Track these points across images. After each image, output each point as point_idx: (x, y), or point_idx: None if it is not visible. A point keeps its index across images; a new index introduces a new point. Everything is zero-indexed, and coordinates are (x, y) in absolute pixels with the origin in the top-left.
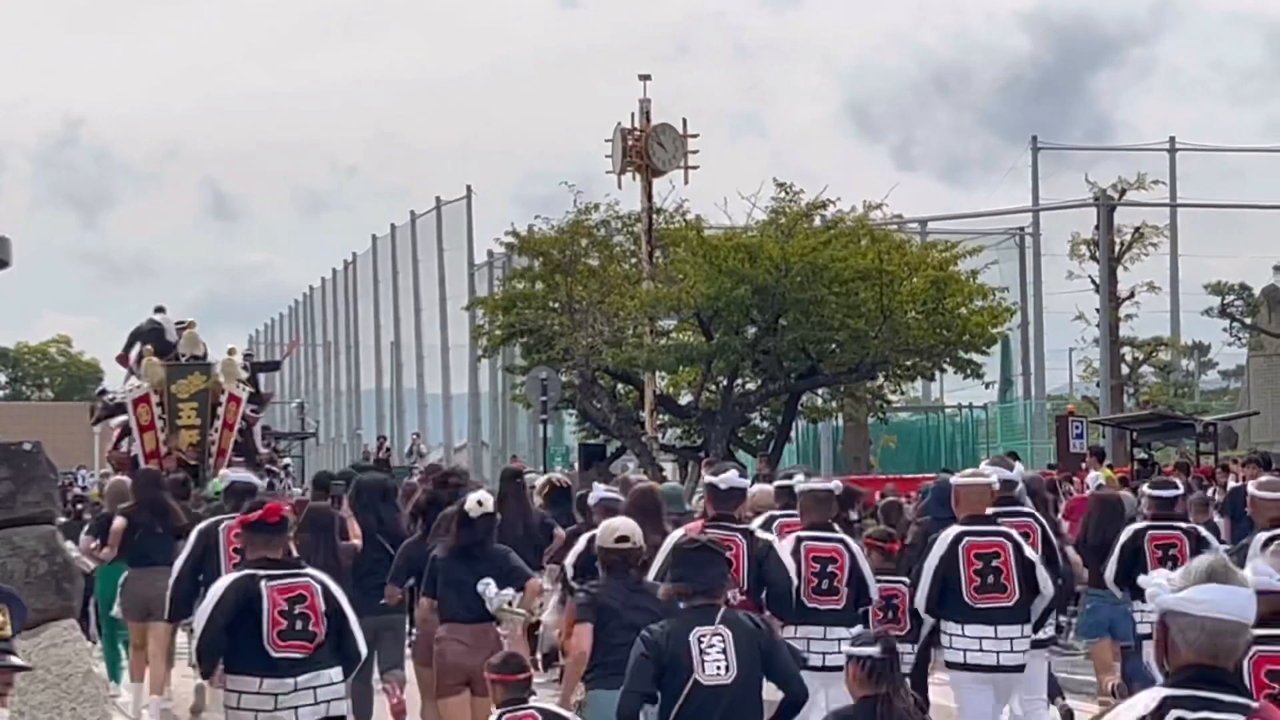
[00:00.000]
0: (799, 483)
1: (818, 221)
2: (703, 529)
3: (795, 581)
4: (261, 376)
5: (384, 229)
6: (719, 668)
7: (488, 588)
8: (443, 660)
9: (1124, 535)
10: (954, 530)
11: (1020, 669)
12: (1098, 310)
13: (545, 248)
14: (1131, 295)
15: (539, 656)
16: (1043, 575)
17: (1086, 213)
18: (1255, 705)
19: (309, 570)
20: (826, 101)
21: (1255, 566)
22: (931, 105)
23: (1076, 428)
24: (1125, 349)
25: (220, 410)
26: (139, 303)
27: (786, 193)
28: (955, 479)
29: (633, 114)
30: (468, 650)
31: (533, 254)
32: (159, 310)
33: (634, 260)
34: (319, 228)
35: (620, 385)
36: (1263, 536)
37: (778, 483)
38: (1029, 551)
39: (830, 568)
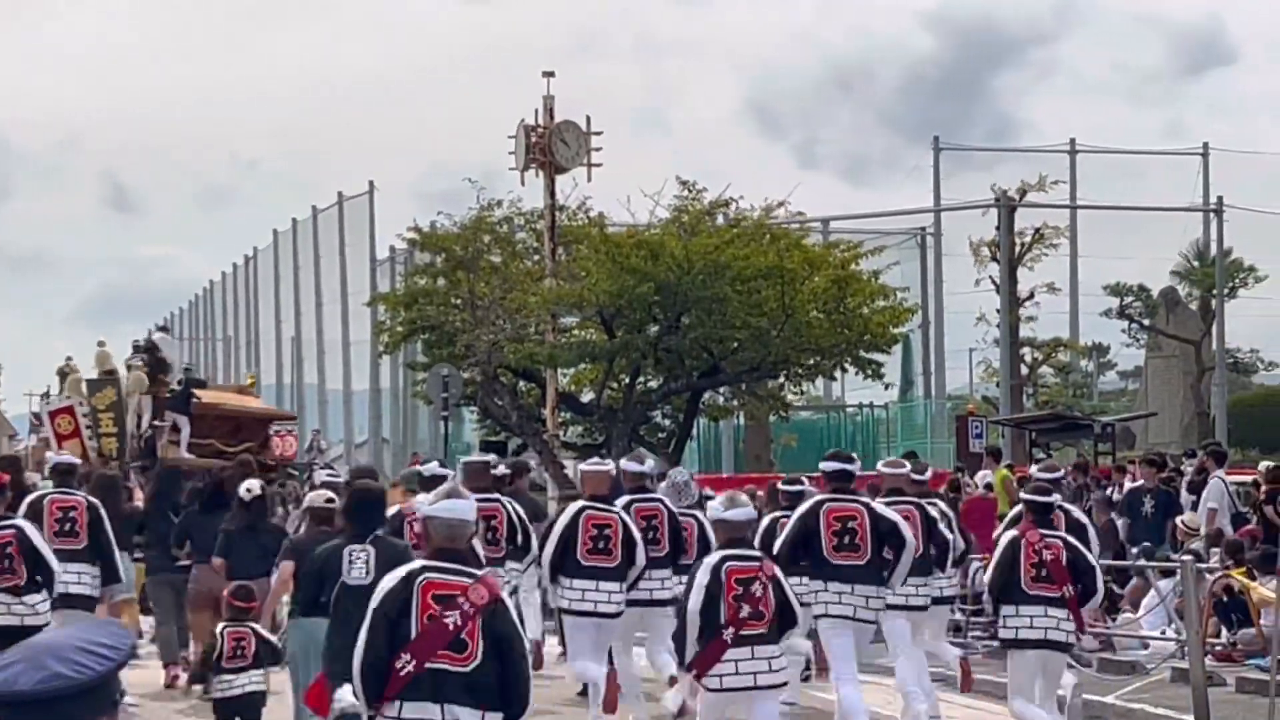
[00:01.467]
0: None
1: (720, 220)
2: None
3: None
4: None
5: (285, 223)
6: (361, 572)
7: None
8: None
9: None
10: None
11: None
12: (998, 311)
13: (447, 244)
14: (1031, 296)
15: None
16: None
17: (988, 213)
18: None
19: (14, 520)
20: (730, 99)
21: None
22: (834, 104)
23: (976, 428)
24: (1025, 349)
25: (128, 418)
26: (38, 296)
27: (689, 191)
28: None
29: (536, 110)
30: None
31: (435, 250)
32: (162, 329)
33: (536, 257)
34: (220, 221)
35: (522, 382)
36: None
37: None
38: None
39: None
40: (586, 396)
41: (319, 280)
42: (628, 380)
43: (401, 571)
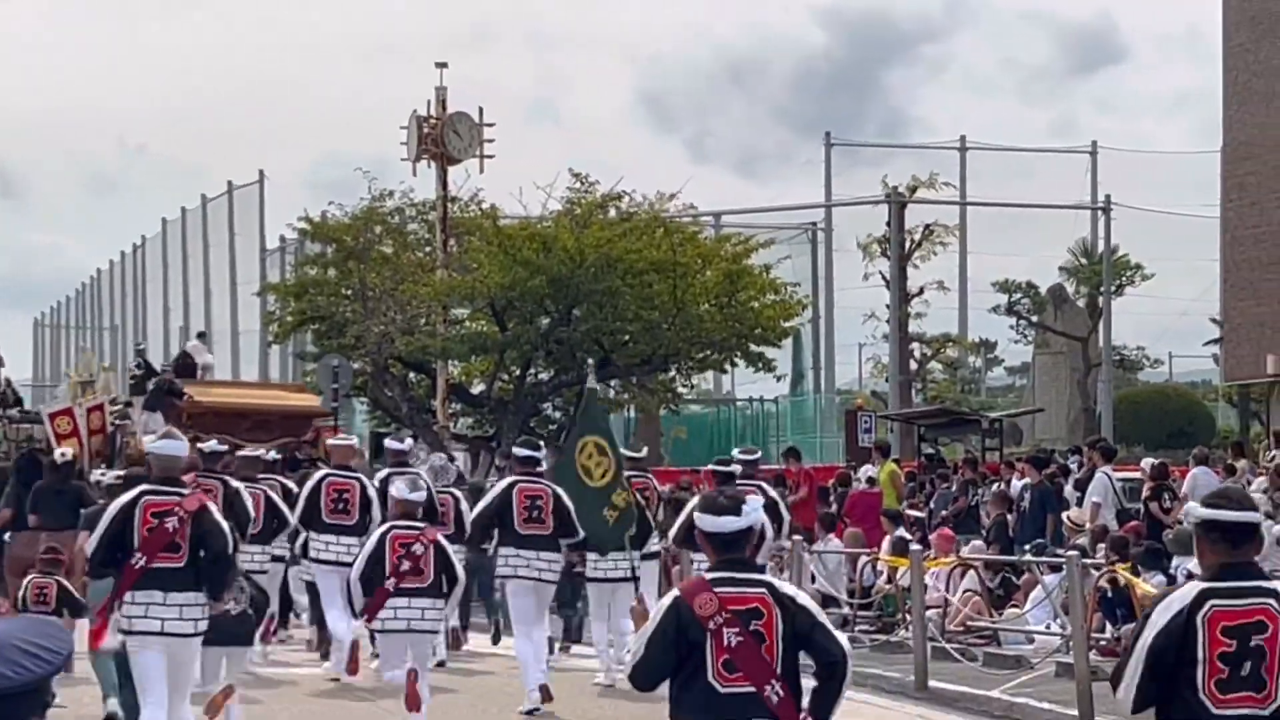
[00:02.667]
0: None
1: (613, 213)
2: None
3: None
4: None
5: (174, 212)
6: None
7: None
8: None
9: None
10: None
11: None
12: (888, 306)
13: (338, 234)
14: (921, 292)
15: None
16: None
17: (879, 209)
18: None
19: None
20: (622, 92)
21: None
22: (727, 97)
23: (865, 422)
24: (914, 345)
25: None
26: None
27: (582, 183)
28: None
29: (429, 101)
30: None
31: (326, 240)
32: (200, 336)
33: (428, 248)
34: (108, 209)
35: (412, 374)
36: None
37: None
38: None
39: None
40: (477, 388)
41: (208, 269)
42: (518, 372)
43: (131, 494)
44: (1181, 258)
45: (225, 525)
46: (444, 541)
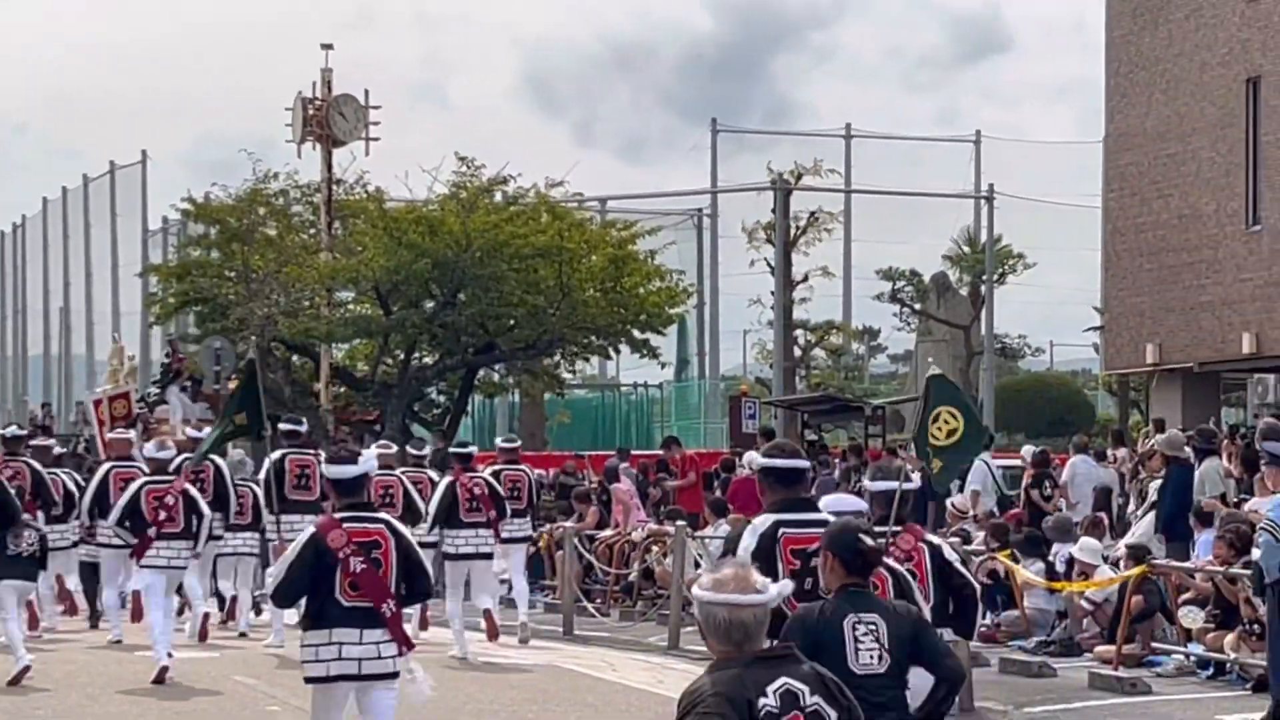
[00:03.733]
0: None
1: (499, 197)
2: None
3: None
4: None
5: (55, 191)
6: None
7: None
8: None
9: None
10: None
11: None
12: (772, 293)
13: (222, 215)
14: (805, 279)
15: None
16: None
17: (764, 196)
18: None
19: None
20: (508, 75)
21: None
22: (613, 82)
23: (749, 408)
24: (798, 332)
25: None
26: None
27: (468, 167)
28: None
29: (314, 83)
30: None
31: (209, 221)
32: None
33: (313, 231)
34: None
35: (296, 356)
36: None
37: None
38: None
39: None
40: (361, 371)
41: (89, 250)
42: (403, 356)
43: None
44: (1063, 247)
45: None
46: (193, 491)
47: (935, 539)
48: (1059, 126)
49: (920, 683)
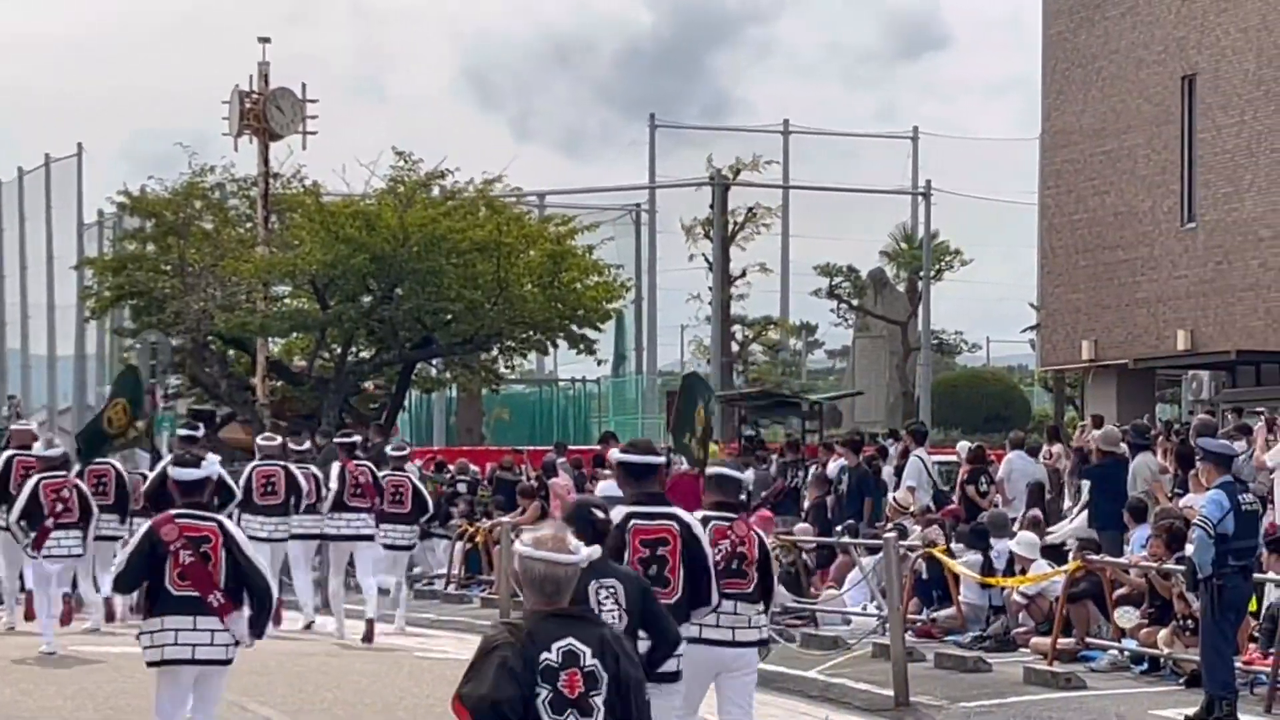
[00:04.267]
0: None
1: (436, 191)
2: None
3: None
4: None
5: None
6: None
7: None
8: None
9: None
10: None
11: None
12: (710, 289)
13: (158, 209)
14: (743, 275)
15: None
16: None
17: (703, 191)
18: None
19: None
20: (447, 69)
21: None
22: (552, 76)
23: None
24: (736, 327)
25: None
26: None
27: (405, 162)
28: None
29: (251, 76)
30: None
31: (145, 215)
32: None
33: (249, 225)
34: None
35: (232, 351)
36: None
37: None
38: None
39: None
40: (298, 365)
41: (24, 243)
42: (340, 350)
43: None
44: (1000, 244)
45: None
46: (84, 487)
47: (760, 532)
48: (997, 123)
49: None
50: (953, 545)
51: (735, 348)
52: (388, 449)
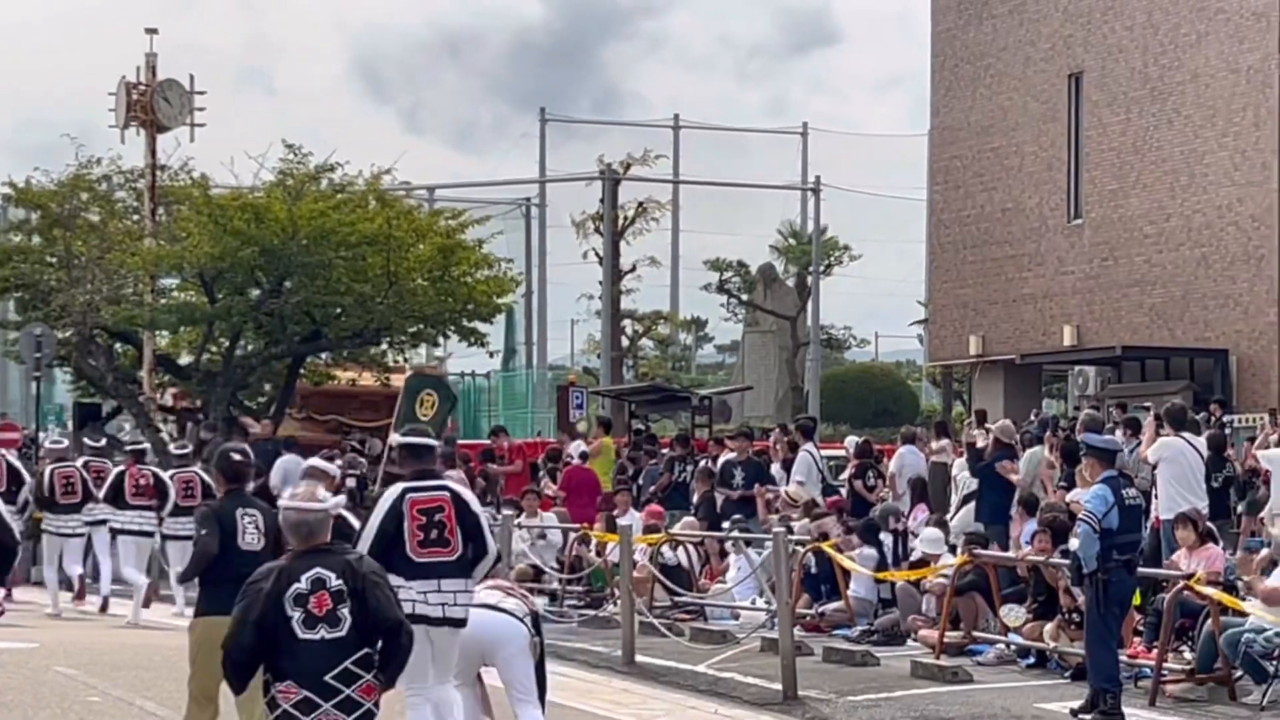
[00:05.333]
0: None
1: (325, 184)
2: None
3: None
4: None
5: None
6: None
7: None
8: None
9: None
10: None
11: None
12: (600, 283)
13: (43, 200)
14: (633, 269)
15: None
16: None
17: (594, 185)
18: None
19: None
20: (335, 61)
21: None
22: (441, 69)
23: (577, 398)
24: (626, 322)
25: None
26: None
27: (295, 154)
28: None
29: (138, 68)
30: None
31: (30, 206)
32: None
33: (137, 217)
34: None
35: (118, 344)
36: None
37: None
38: None
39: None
40: (185, 359)
41: None
42: (228, 344)
43: None
44: (889, 239)
45: None
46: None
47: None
48: (886, 119)
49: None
50: (843, 539)
51: (625, 342)
52: (171, 448)
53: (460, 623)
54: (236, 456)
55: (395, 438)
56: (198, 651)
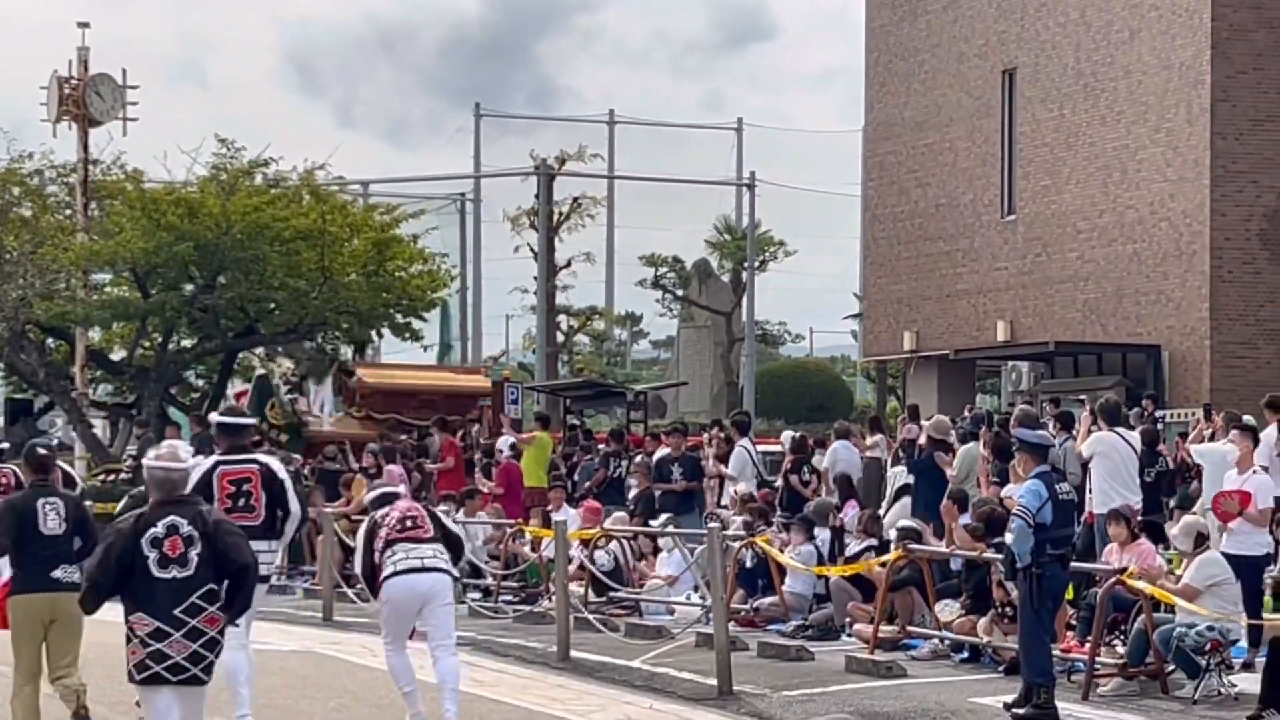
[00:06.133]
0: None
1: (260, 179)
2: None
3: None
4: None
5: None
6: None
7: None
8: None
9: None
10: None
11: None
12: (535, 278)
13: None
14: (568, 265)
15: None
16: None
17: (529, 180)
18: None
19: None
20: (269, 55)
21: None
22: (376, 63)
23: (512, 393)
24: (561, 317)
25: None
26: None
27: (228, 149)
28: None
29: (70, 61)
30: None
31: None
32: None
33: (69, 212)
34: None
35: (51, 339)
36: None
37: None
38: None
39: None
40: (118, 355)
41: None
42: (161, 339)
43: None
44: (824, 235)
45: None
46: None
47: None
48: (822, 115)
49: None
50: (779, 534)
51: (560, 337)
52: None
53: (263, 579)
54: (41, 451)
55: (213, 417)
56: (12, 627)
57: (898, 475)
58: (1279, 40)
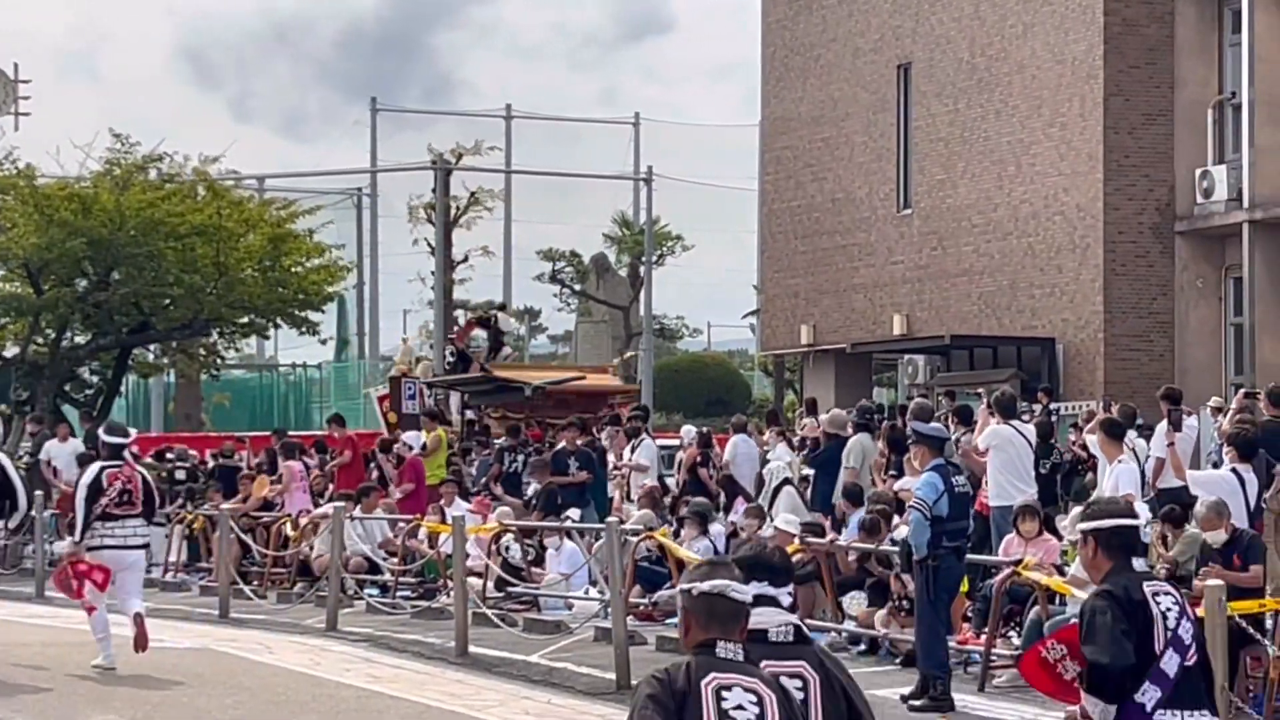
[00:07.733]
0: None
1: (154, 174)
2: None
3: None
4: None
5: None
6: None
7: None
8: None
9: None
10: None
11: None
12: (433, 272)
13: None
14: (466, 259)
15: None
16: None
17: (426, 175)
18: None
19: None
20: (163, 47)
21: None
22: (271, 56)
23: (409, 388)
24: (459, 312)
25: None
26: None
27: (122, 143)
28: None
29: None
30: None
31: None
32: (500, 307)
33: None
34: None
35: None
36: None
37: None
38: None
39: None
40: (10, 352)
41: None
42: (54, 336)
43: None
44: (721, 229)
45: None
46: None
47: (143, 472)
48: (719, 109)
49: None
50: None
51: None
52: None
53: (137, 549)
54: None
55: (100, 433)
56: None
57: (776, 471)
58: (1171, 35)
